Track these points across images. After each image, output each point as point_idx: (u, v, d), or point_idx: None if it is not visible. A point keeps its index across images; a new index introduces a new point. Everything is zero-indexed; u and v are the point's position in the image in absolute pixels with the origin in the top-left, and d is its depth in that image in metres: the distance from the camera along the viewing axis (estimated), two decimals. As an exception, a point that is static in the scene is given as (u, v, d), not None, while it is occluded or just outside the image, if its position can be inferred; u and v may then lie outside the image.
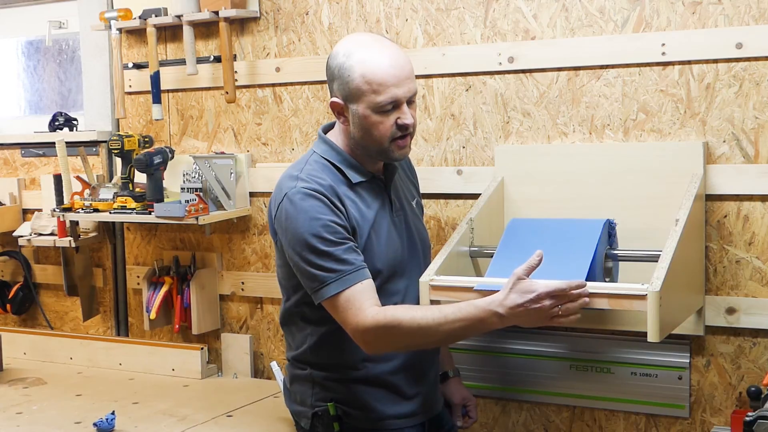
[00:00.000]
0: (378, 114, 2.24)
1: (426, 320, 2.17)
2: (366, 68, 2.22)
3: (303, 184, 2.26)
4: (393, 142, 2.28)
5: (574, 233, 2.40)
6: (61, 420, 2.86)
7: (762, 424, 2.05)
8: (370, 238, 2.32)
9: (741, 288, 2.53)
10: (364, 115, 2.25)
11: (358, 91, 2.23)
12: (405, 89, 2.24)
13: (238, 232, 3.31)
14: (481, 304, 2.15)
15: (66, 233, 3.46)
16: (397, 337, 2.20)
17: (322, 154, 2.36)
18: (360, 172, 2.35)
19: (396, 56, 2.26)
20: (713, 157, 2.53)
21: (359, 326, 2.19)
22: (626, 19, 2.61)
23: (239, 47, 3.24)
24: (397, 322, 2.17)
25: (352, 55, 2.24)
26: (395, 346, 2.28)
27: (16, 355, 3.58)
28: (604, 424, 2.75)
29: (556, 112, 2.73)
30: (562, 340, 2.76)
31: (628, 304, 2.16)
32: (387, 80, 2.22)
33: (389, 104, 2.23)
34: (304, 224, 2.22)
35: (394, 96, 2.23)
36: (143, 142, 3.30)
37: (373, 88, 2.22)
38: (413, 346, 2.28)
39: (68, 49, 3.85)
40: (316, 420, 2.39)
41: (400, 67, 2.24)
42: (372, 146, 2.30)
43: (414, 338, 2.20)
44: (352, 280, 2.20)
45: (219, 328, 3.37)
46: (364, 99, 2.23)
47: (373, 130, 2.26)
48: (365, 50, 2.25)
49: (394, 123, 2.26)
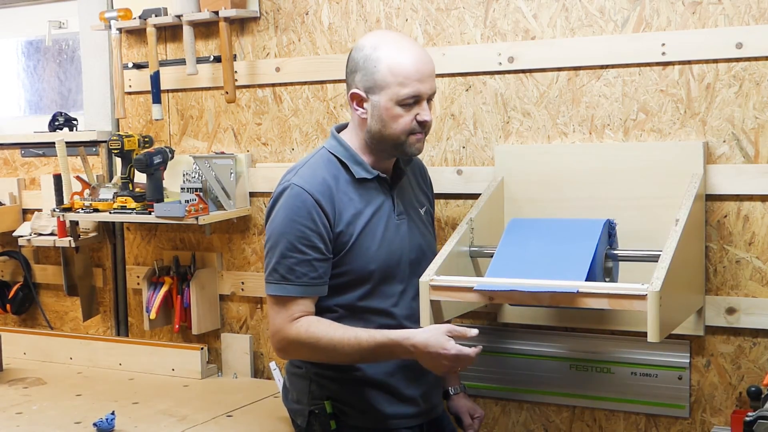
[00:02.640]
0: (400, 107, 2.30)
1: (342, 343, 2.28)
2: (393, 61, 2.29)
3: (297, 180, 2.34)
4: (409, 136, 2.33)
5: (574, 233, 2.40)
6: (61, 420, 2.86)
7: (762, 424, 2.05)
8: (361, 237, 2.34)
9: (741, 288, 2.53)
10: (386, 107, 2.30)
11: (383, 82, 2.29)
12: (427, 86, 2.32)
13: (238, 232, 3.31)
14: (396, 338, 2.24)
15: (66, 233, 3.46)
16: (311, 351, 2.33)
17: (330, 149, 2.41)
18: (365, 170, 2.38)
19: (421, 54, 2.34)
20: (713, 157, 2.53)
21: (280, 333, 2.34)
22: (626, 19, 2.61)
23: (239, 47, 3.24)
24: (315, 339, 2.29)
25: (380, 48, 2.31)
26: (306, 359, 2.40)
27: (16, 355, 3.58)
28: (604, 424, 2.75)
29: (556, 112, 2.73)
30: (562, 340, 2.76)
31: (628, 304, 2.16)
32: (412, 74, 2.29)
33: (411, 98, 2.30)
34: (282, 222, 2.33)
35: (417, 91, 2.29)
36: (143, 142, 3.30)
37: (399, 81, 2.28)
38: (324, 360, 2.37)
39: (68, 49, 3.85)
40: (313, 418, 2.40)
41: (425, 64, 2.32)
42: (389, 139, 2.34)
43: (327, 356, 2.32)
44: (292, 291, 2.32)
45: (219, 328, 3.37)
46: (388, 90, 2.29)
47: (392, 122, 2.31)
48: (393, 44, 2.33)
49: (413, 118, 2.32)
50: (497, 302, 2.42)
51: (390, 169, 2.45)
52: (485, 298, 2.32)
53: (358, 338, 2.26)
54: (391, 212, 2.40)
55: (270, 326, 2.39)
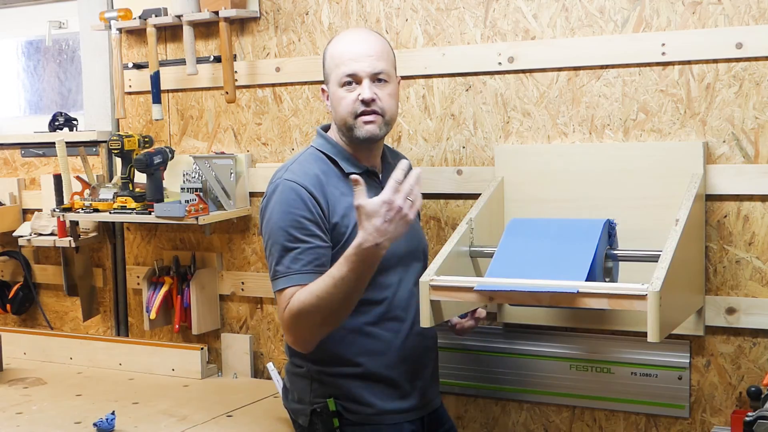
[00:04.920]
0: (341, 88, 2.37)
1: (320, 287, 2.23)
2: (332, 47, 2.43)
3: (288, 175, 2.36)
4: (356, 119, 2.37)
5: (574, 233, 2.40)
6: (61, 420, 2.86)
7: (762, 424, 2.05)
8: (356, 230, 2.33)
9: (741, 288, 2.53)
10: (333, 92, 2.41)
11: (328, 69, 2.42)
12: (365, 64, 2.36)
13: (238, 232, 3.31)
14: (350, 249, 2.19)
15: (66, 233, 3.46)
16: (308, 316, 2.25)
17: (318, 147, 2.45)
18: (353, 165, 2.42)
19: (363, 37, 2.44)
20: (713, 157, 2.53)
21: (283, 321, 2.31)
22: (626, 19, 2.61)
23: (239, 47, 3.24)
24: (300, 302, 2.25)
25: (333, 40, 2.47)
26: (312, 327, 2.29)
27: (16, 355, 3.58)
28: (604, 424, 2.75)
29: (556, 112, 2.73)
30: (562, 340, 2.76)
31: (628, 304, 2.16)
32: (345, 54, 2.38)
33: (348, 77, 2.36)
34: (278, 216, 2.32)
35: (352, 69, 2.36)
36: (143, 142, 3.30)
37: (335, 63, 2.39)
38: (327, 317, 2.27)
39: (68, 49, 3.85)
40: (315, 417, 2.40)
41: (362, 44, 2.40)
42: (341, 124, 2.41)
43: (321, 309, 2.24)
44: (294, 281, 2.28)
45: (219, 328, 3.37)
46: (331, 76, 2.40)
47: (338, 106, 2.39)
48: (340, 36, 2.48)
49: (356, 98, 2.36)
50: (497, 302, 2.43)
51: (379, 164, 2.49)
52: (485, 298, 2.31)
53: (331, 275, 2.22)
54: None
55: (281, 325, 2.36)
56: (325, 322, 2.28)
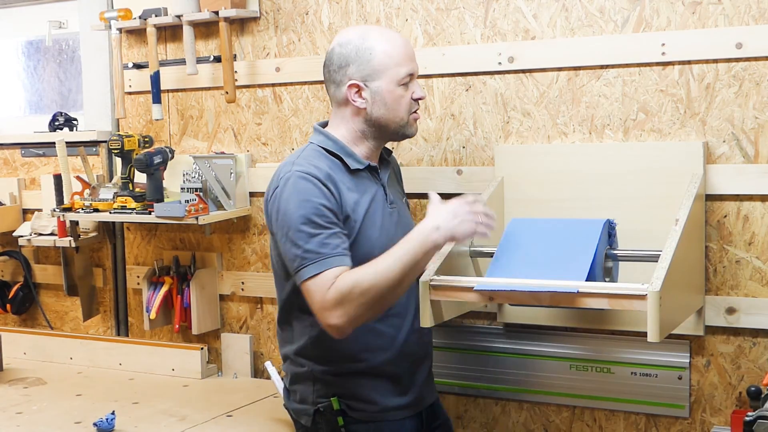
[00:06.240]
0: (400, 87, 2.39)
1: (379, 265, 2.21)
2: (387, 44, 2.39)
3: (298, 168, 2.33)
4: (410, 116, 2.43)
5: (574, 233, 2.40)
6: (61, 420, 2.86)
7: (762, 424, 2.05)
8: (365, 224, 2.36)
9: (741, 288, 2.54)
10: (388, 90, 2.38)
11: (381, 66, 2.37)
12: (416, 64, 2.44)
13: (238, 232, 3.31)
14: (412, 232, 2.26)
15: (66, 233, 3.46)
16: (362, 294, 2.19)
17: (319, 143, 2.43)
18: (357, 161, 2.41)
19: (402, 37, 2.48)
20: (713, 157, 2.53)
21: (324, 303, 2.20)
22: (626, 19, 2.61)
23: (239, 47, 3.24)
24: (353, 280, 2.19)
25: (368, 38, 2.39)
26: (364, 306, 2.21)
27: (16, 355, 3.58)
28: (604, 424, 2.75)
29: (556, 112, 2.73)
30: (562, 340, 2.76)
31: (628, 304, 2.16)
32: (402, 53, 2.40)
33: (408, 76, 2.40)
34: (296, 205, 2.28)
35: (412, 69, 2.41)
36: (143, 142, 3.31)
37: (396, 61, 2.38)
38: (379, 298, 2.22)
39: (68, 49, 3.85)
40: (318, 416, 2.40)
41: (407, 44, 2.45)
42: (393, 122, 2.41)
43: (376, 287, 2.19)
44: (330, 264, 2.22)
45: (219, 328, 3.37)
46: (387, 73, 2.37)
47: (396, 104, 2.39)
48: (378, 33, 2.43)
49: (410, 97, 2.42)
50: (497, 302, 2.43)
51: (378, 161, 2.49)
52: (485, 298, 2.32)
53: (389, 253, 2.22)
54: (384, 201, 2.44)
55: (316, 312, 2.24)
56: (376, 302, 2.22)
